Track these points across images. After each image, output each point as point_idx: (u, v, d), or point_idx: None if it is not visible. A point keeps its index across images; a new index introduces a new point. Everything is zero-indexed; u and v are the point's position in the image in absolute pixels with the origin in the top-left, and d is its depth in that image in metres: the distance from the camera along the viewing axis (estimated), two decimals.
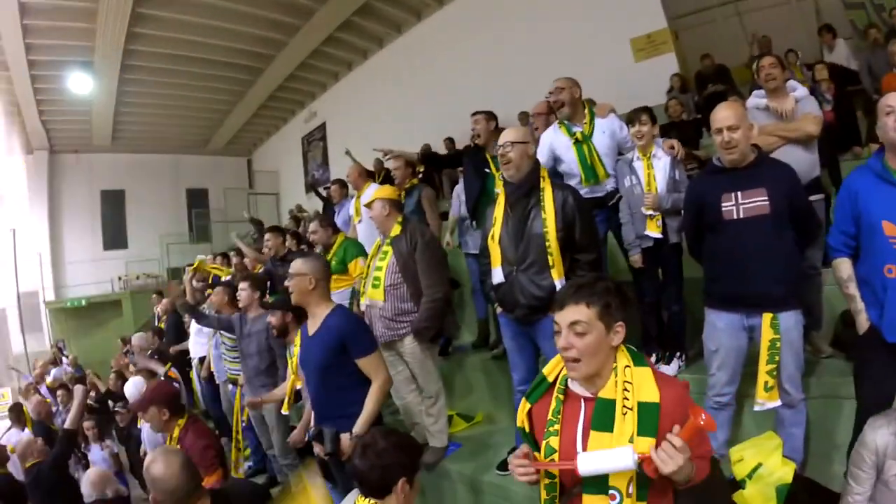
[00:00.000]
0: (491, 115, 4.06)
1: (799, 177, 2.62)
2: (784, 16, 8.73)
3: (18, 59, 12.13)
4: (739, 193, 2.48)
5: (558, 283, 2.72)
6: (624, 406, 1.45)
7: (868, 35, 6.56)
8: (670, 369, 3.38)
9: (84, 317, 17.35)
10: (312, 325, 2.73)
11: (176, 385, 3.53)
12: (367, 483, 1.83)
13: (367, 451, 1.83)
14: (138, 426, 5.39)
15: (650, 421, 1.43)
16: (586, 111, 3.58)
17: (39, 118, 15.66)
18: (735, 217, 2.49)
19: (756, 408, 2.49)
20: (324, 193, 9.26)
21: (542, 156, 3.51)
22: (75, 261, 18.14)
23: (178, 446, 2.99)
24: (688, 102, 7.53)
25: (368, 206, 3.65)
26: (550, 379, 1.64)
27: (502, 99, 9.10)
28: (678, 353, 3.44)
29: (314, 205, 12.88)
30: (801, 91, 3.16)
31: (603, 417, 1.47)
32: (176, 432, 3.07)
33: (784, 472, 2.28)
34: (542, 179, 2.83)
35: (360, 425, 2.55)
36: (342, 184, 5.95)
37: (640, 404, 1.45)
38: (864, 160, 2.53)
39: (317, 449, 2.77)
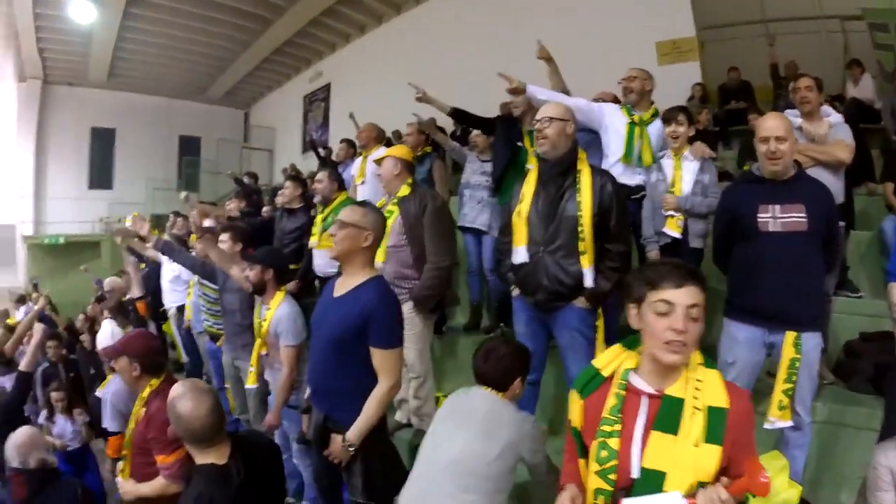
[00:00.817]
0: None
1: None
2: (813, 45, 8.63)
3: None
4: (778, 206, 2.41)
5: (587, 271, 2.61)
6: (693, 407, 1.34)
7: (895, 78, 6.59)
8: None
9: (61, 256, 16.81)
10: (342, 287, 2.33)
11: (155, 338, 3.19)
12: (491, 381, 2.17)
13: (490, 356, 2.20)
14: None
15: (719, 427, 1.32)
16: (651, 108, 3.58)
17: (37, 45, 15.07)
18: (771, 229, 2.42)
19: (766, 426, 2.39)
20: (322, 153, 9.08)
21: (587, 108, 3.50)
22: (57, 197, 17.73)
23: (144, 409, 2.62)
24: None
25: (378, 162, 3.45)
26: (606, 373, 1.48)
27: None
28: None
29: (309, 165, 12.60)
30: (835, 117, 3.18)
31: (668, 417, 1.35)
32: (146, 392, 2.64)
33: (790, 493, 2.21)
34: (579, 161, 2.71)
35: (355, 432, 2.20)
36: (350, 143, 5.80)
37: (709, 408, 1.33)
38: (879, 196, 2.53)
39: (304, 424, 2.58)
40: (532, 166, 3.60)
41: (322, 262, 4.29)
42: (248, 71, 17.54)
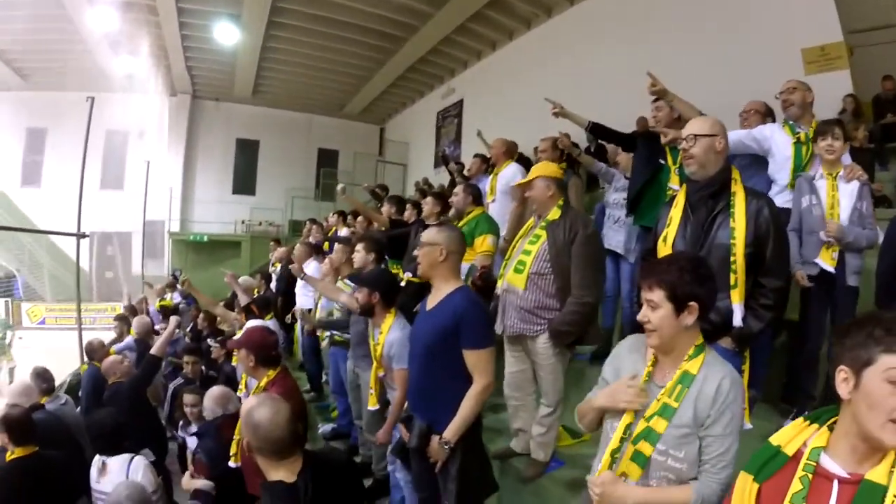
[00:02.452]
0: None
1: None
2: None
3: (168, 4, 12.69)
4: None
5: (737, 307, 2.26)
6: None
7: None
8: None
9: (203, 252, 18.60)
10: (433, 300, 2.47)
11: (273, 334, 3.32)
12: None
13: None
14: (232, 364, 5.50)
15: None
16: (814, 121, 3.27)
17: (185, 63, 16.56)
18: None
19: None
20: (454, 169, 9.10)
21: (749, 139, 3.32)
22: (203, 200, 19.52)
23: None
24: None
25: (523, 184, 3.22)
26: (790, 451, 1.23)
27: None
28: None
29: (440, 179, 12.77)
30: None
31: None
32: (264, 382, 2.94)
33: None
34: (733, 182, 2.35)
35: (451, 431, 2.27)
36: (483, 158, 5.70)
37: None
38: None
39: (403, 432, 2.55)
40: (676, 186, 3.43)
41: None
42: (383, 88, 18.12)
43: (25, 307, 16.93)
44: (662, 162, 3.73)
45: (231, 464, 2.87)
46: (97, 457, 3.25)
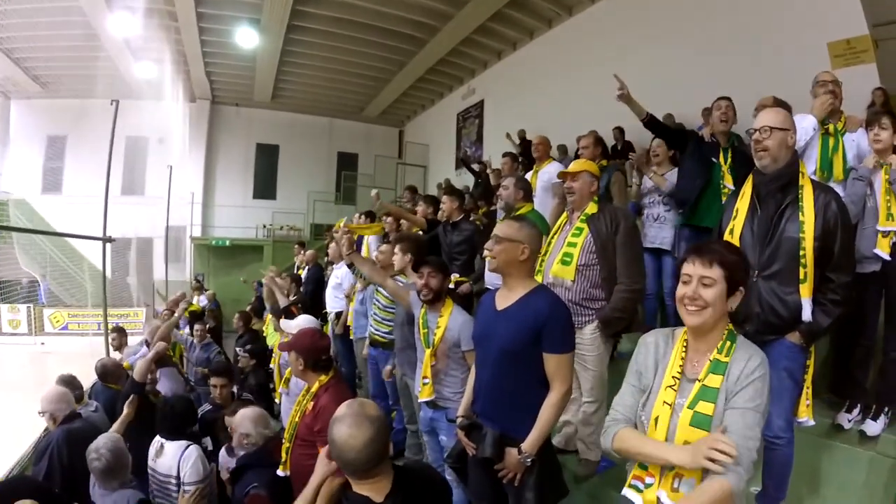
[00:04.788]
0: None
1: None
2: None
3: (188, 10, 12.73)
4: None
5: (805, 301, 2.29)
6: None
7: None
8: (877, 427, 2.92)
9: (225, 256, 18.75)
10: (504, 299, 2.32)
11: (325, 338, 3.20)
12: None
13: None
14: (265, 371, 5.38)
15: None
16: (843, 117, 3.43)
17: (204, 69, 16.65)
18: None
19: None
20: (476, 168, 8.99)
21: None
22: (224, 204, 19.64)
23: (312, 403, 2.77)
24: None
25: (571, 173, 3.22)
26: None
27: (680, 97, 8.48)
28: (886, 409, 2.94)
29: (462, 180, 12.67)
30: None
31: None
32: (315, 387, 2.81)
33: None
34: (801, 175, 2.39)
35: (531, 442, 2.16)
36: (514, 157, 5.73)
37: None
38: None
39: (465, 442, 2.39)
40: (730, 185, 3.56)
41: (493, 276, 4.09)
42: (402, 90, 18.14)
43: (48, 313, 17.02)
44: (714, 160, 3.78)
45: (280, 472, 2.77)
46: (157, 437, 3.37)
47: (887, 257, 2.83)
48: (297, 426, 2.80)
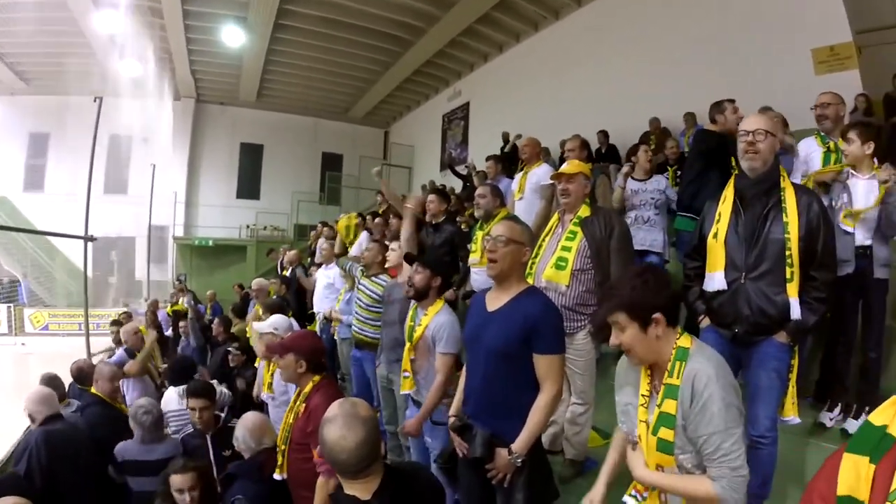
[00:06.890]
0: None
1: None
2: None
3: (174, 7, 12.65)
4: None
5: (793, 301, 2.32)
6: None
7: None
8: (858, 425, 2.87)
9: (208, 256, 18.62)
10: (494, 301, 2.31)
11: (320, 339, 3.20)
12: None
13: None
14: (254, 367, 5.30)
15: None
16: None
17: (190, 67, 16.53)
18: None
19: None
20: (462, 172, 9.00)
21: (801, 164, 3.48)
22: (208, 204, 19.46)
23: (304, 405, 2.73)
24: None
25: (567, 175, 3.20)
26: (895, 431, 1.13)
27: (665, 101, 8.52)
28: (866, 408, 3.02)
29: (446, 182, 12.68)
30: None
31: None
32: (308, 388, 2.77)
33: None
34: (782, 178, 2.47)
35: (522, 443, 2.17)
36: (497, 159, 5.74)
37: None
38: None
39: (457, 442, 2.36)
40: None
41: (481, 278, 4.09)
42: (388, 91, 18.14)
43: (28, 313, 16.77)
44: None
45: (276, 476, 2.74)
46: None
47: (850, 230, 2.95)
48: (292, 429, 2.77)
